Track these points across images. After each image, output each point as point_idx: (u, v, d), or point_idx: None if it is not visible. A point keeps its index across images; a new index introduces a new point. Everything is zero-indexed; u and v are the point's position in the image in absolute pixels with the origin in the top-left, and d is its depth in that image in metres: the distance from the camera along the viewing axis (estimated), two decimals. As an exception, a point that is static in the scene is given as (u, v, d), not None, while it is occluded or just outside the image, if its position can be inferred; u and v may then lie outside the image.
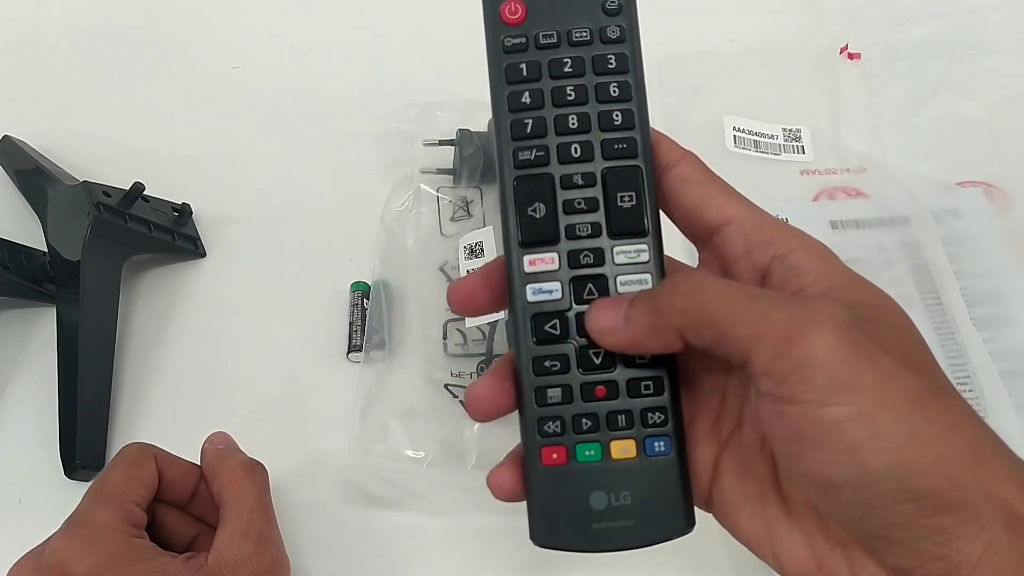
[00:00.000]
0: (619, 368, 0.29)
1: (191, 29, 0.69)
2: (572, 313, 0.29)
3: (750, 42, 0.67)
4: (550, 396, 0.29)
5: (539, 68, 0.30)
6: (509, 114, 0.30)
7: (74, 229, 0.51)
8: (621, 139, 0.30)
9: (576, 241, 0.29)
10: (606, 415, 0.29)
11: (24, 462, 0.49)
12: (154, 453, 0.41)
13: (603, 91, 0.30)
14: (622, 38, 0.30)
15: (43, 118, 0.63)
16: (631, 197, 0.30)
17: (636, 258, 0.30)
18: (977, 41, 0.64)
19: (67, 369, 0.49)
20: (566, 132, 0.30)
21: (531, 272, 0.29)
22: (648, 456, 0.29)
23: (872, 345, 0.25)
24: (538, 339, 0.29)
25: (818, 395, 0.25)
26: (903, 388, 0.25)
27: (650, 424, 0.29)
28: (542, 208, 0.29)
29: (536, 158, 0.30)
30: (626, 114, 0.30)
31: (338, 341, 0.52)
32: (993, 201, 0.57)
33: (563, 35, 0.30)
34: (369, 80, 0.65)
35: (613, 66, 0.30)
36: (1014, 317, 0.52)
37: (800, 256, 0.29)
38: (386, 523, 0.46)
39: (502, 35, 0.30)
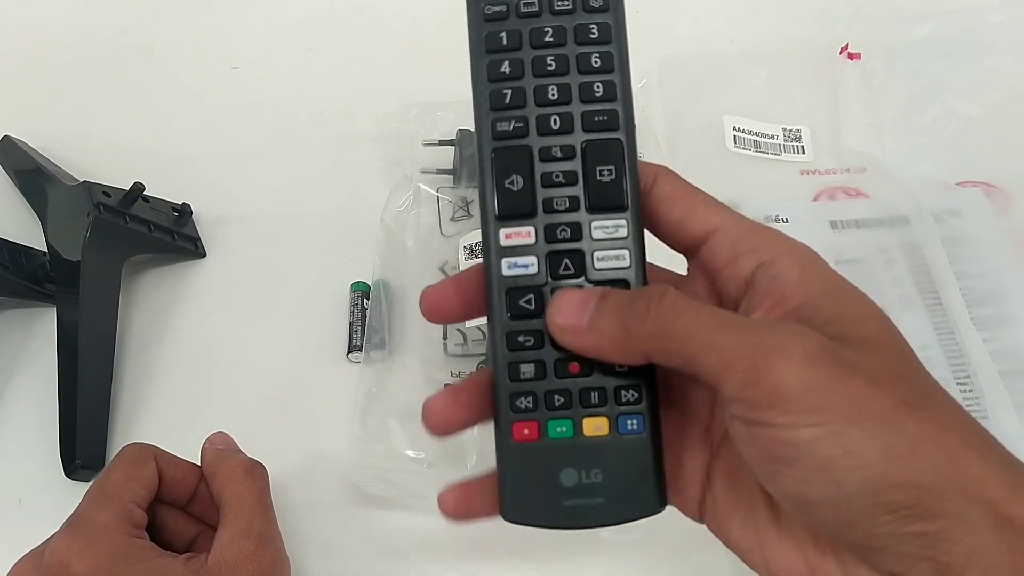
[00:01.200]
0: None
1: (191, 29, 0.69)
2: (548, 288, 0.29)
3: (750, 42, 0.67)
4: (523, 371, 0.29)
5: (519, 37, 0.29)
6: (488, 84, 0.29)
7: (74, 229, 0.51)
8: (602, 111, 0.29)
9: (553, 215, 0.29)
10: (579, 392, 0.29)
11: (24, 462, 0.49)
12: (154, 453, 0.41)
13: (584, 62, 0.29)
14: (605, 7, 0.29)
15: (43, 118, 0.63)
16: (611, 171, 0.29)
17: (614, 233, 0.29)
18: (977, 41, 0.64)
19: (67, 369, 0.49)
20: (546, 103, 0.29)
21: (507, 246, 0.29)
22: (620, 434, 0.29)
23: (843, 367, 0.26)
24: (512, 314, 0.29)
25: (789, 419, 0.25)
26: (876, 406, 0.25)
27: (623, 402, 0.29)
28: (519, 180, 0.29)
29: (515, 129, 0.29)
30: (607, 86, 0.29)
31: (338, 341, 0.52)
32: (993, 201, 0.57)
33: (545, 3, 0.29)
34: (369, 80, 0.65)
35: (595, 36, 0.29)
36: (1014, 317, 0.52)
37: (783, 264, 0.29)
38: (386, 523, 0.46)
39: (483, 3, 0.30)
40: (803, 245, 0.30)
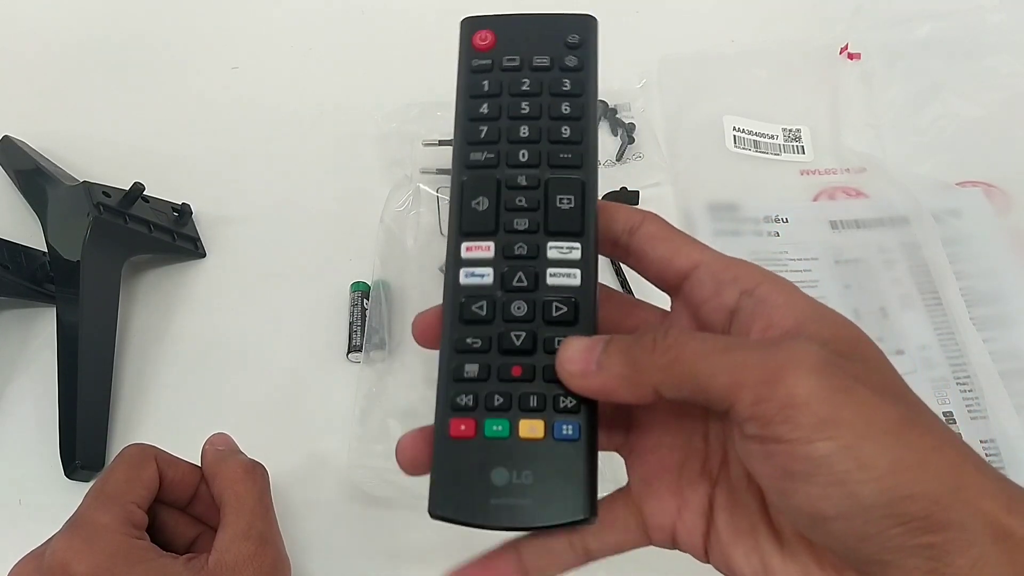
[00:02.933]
0: (539, 353, 0.30)
1: (191, 29, 0.69)
2: (500, 297, 0.30)
3: (750, 42, 0.67)
4: (467, 371, 0.30)
5: (500, 85, 0.33)
6: (467, 122, 0.32)
7: (74, 229, 0.51)
8: (567, 151, 0.32)
9: (513, 235, 0.31)
10: (519, 395, 0.29)
11: (24, 462, 0.49)
12: (155, 454, 0.41)
13: (555, 109, 0.32)
14: (579, 67, 0.33)
15: (43, 118, 0.63)
16: (570, 200, 0.31)
17: (568, 255, 0.31)
18: (977, 41, 0.64)
19: (67, 369, 0.49)
20: (516, 141, 0.32)
21: (467, 258, 0.31)
22: (555, 439, 0.29)
23: (848, 380, 0.26)
24: (464, 319, 0.30)
25: (804, 433, 0.25)
26: (883, 418, 0.26)
27: (561, 408, 0.29)
28: (485, 202, 0.31)
29: (486, 159, 0.32)
30: (575, 129, 0.32)
31: (338, 341, 0.52)
32: (993, 201, 0.57)
33: (525, 61, 0.33)
34: (369, 80, 0.65)
35: (567, 89, 0.33)
36: (1014, 317, 0.52)
37: (767, 289, 0.30)
38: (386, 523, 0.46)
39: (471, 58, 0.33)
40: (781, 276, 0.31)
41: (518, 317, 0.30)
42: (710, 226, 0.57)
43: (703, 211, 0.57)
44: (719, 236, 0.56)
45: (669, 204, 0.59)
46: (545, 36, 0.34)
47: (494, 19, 0.34)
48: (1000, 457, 0.47)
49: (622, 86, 0.64)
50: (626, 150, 0.61)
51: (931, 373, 0.50)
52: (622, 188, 0.58)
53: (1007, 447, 0.47)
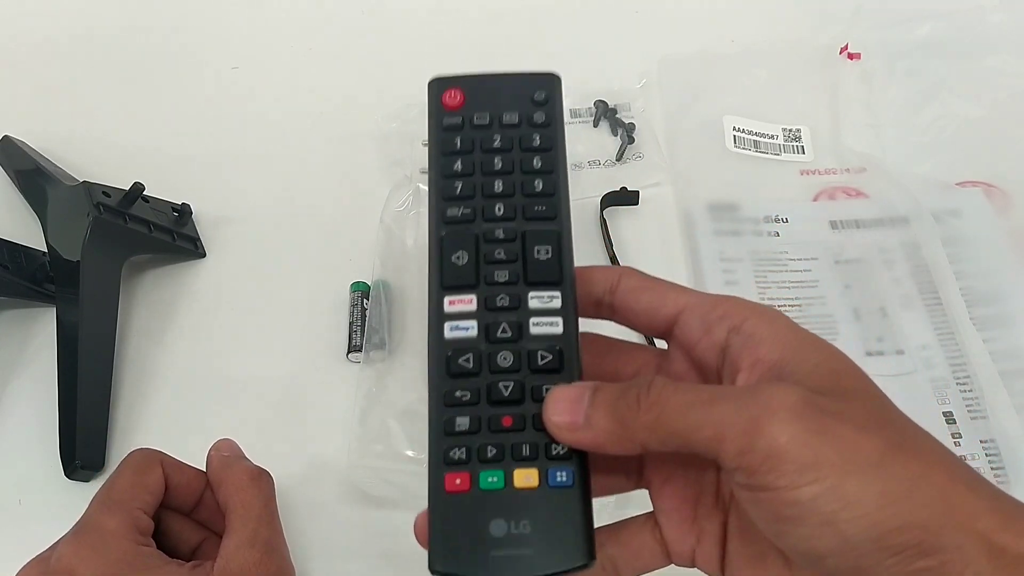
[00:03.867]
0: (527, 402, 0.30)
1: (191, 29, 0.69)
2: (485, 348, 0.31)
3: (750, 42, 0.67)
4: (458, 425, 0.30)
5: (472, 142, 0.33)
6: (442, 179, 0.33)
7: (74, 229, 0.51)
8: (542, 203, 0.33)
9: (494, 287, 0.31)
10: (511, 444, 0.30)
11: (24, 462, 0.49)
12: (160, 459, 0.41)
13: (528, 163, 0.33)
14: (547, 123, 0.34)
15: (43, 118, 0.63)
16: (547, 250, 0.32)
17: (549, 304, 0.31)
18: (977, 41, 0.64)
19: (67, 369, 0.49)
20: (492, 196, 0.33)
21: (450, 312, 0.31)
22: (550, 486, 0.29)
23: (829, 418, 0.27)
24: (451, 372, 0.30)
25: (789, 480, 0.26)
26: (866, 453, 0.26)
27: (554, 456, 0.29)
28: (464, 256, 0.32)
29: (463, 215, 0.32)
30: (547, 182, 0.33)
31: (338, 341, 0.52)
32: (993, 201, 0.57)
33: (495, 118, 0.34)
34: (369, 80, 0.65)
35: (538, 144, 0.33)
36: (1014, 317, 0.52)
37: (753, 324, 0.30)
38: (386, 523, 0.46)
39: (442, 116, 0.34)
40: (767, 307, 0.31)
41: (505, 368, 0.30)
42: (710, 226, 0.57)
43: (703, 211, 0.57)
44: (719, 236, 0.56)
45: (669, 204, 0.59)
46: (512, 94, 0.35)
47: (462, 79, 0.35)
48: (1000, 457, 0.47)
49: (622, 86, 0.64)
50: (626, 150, 0.61)
51: (931, 373, 0.50)
52: (622, 188, 0.58)
53: (1007, 447, 0.47)
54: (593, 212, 0.57)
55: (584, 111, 0.63)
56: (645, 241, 0.57)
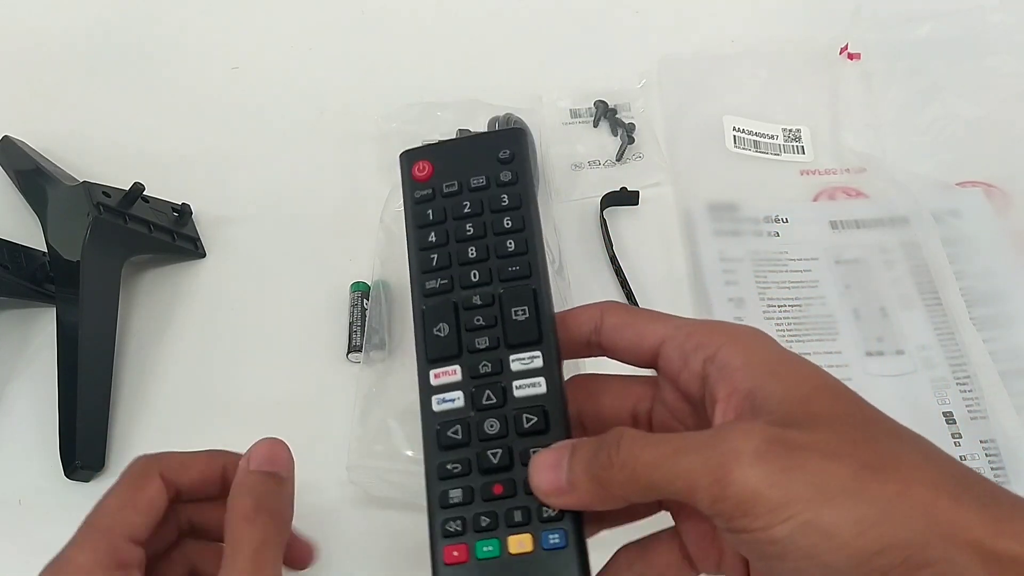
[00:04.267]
0: (516, 467, 0.31)
1: (191, 29, 0.69)
2: (473, 418, 0.32)
3: (750, 42, 0.67)
4: (451, 497, 0.31)
5: (444, 212, 0.35)
6: (419, 252, 0.34)
7: (74, 229, 0.51)
8: (515, 263, 0.33)
9: (476, 354, 0.32)
10: (504, 511, 0.30)
11: (24, 462, 0.49)
12: (160, 467, 0.36)
13: (498, 224, 0.34)
14: (514, 180, 0.35)
15: (43, 118, 0.63)
16: (524, 311, 0.33)
17: (530, 364, 0.32)
18: (977, 41, 0.64)
19: (67, 369, 0.49)
20: (467, 263, 0.34)
21: (436, 385, 0.32)
22: (544, 549, 0.30)
23: (796, 452, 0.27)
24: (442, 445, 0.32)
25: (763, 521, 0.27)
26: (838, 482, 0.27)
27: (545, 519, 0.30)
28: (445, 328, 0.33)
29: (441, 286, 0.34)
30: (518, 241, 0.34)
31: (338, 341, 0.52)
32: (993, 201, 0.57)
33: (463, 184, 0.35)
34: (369, 80, 0.65)
35: (506, 203, 0.34)
36: (1014, 317, 0.52)
37: (726, 353, 0.31)
38: (386, 523, 0.46)
39: (414, 190, 0.35)
40: (744, 328, 0.32)
41: (492, 435, 0.31)
42: (710, 226, 0.57)
43: (703, 211, 0.57)
44: (719, 236, 0.56)
45: (669, 204, 0.59)
46: (478, 156, 0.35)
47: (429, 149, 0.36)
48: (1000, 457, 0.47)
49: (622, 86, 0.64)
50: (626, 150, 0.61)
51: (931, 373, 0.50)
52: (622, 188, 0.58)
53: (1007, 447, 0.47)
54: (593, 212, 0.57)
55: (584, 111, 0.63)
56: (645, 241, 0.57)
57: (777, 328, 0.52)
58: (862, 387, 0.33)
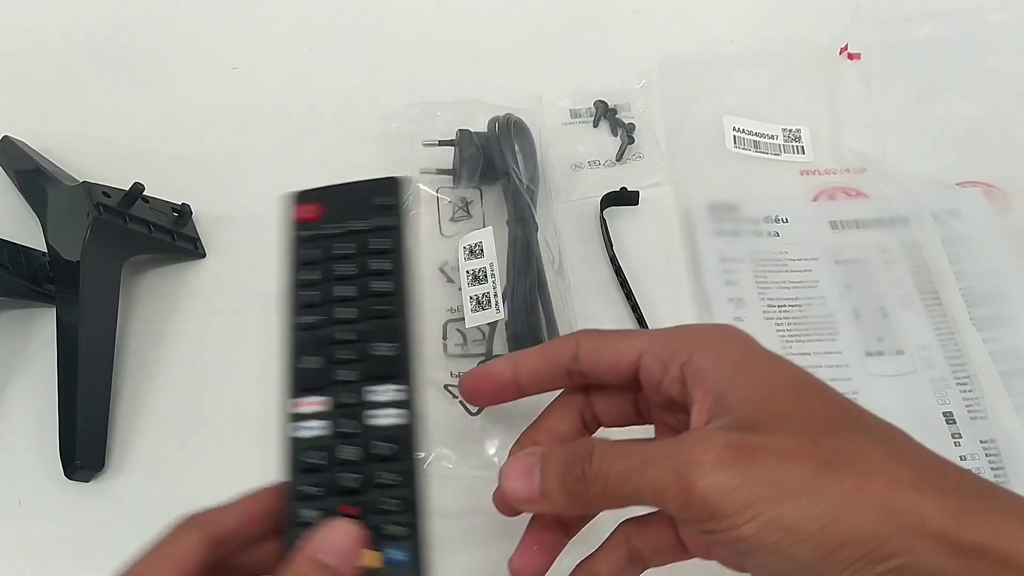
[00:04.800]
0: (370, 491, 0.33)
1: (191, 29, 0.69)
2: (333, 444, 0.34)
3: (750, 42, 0.67)
4: (306, 518, 0.33)
5: (323, 251, 0.37)
6: (295, 289, 0.37)
7: (74, 229, 0.51)
8: (384, 303, 0.36)
9: (340, 386, 0.34)
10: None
11: (24, 462, 0.49)
12: (197, 520, 0.33)
13: (372, 266, 0.36)
14: (392, 225, 0.37)
15: (43, 118, 0.63)
16: (390, 348, 0.35)
17: (392, 397, 0.34)
18: (977, 41, 0.64)
19: (67, 369, 0.49)
20: (338, 301, 0.36)
21: (299, 412, 0.35)
22: (389, 565, 0.32)
23: (754, 456, 0.28)
24: (302, 469, 0.33)
25: (729, 522, 0.28)
26: (796, 479, 0.28)
27: (391, 536, 0.32)
28: (312, 360, 0.35)
29: (313, 322, 0.36)
30: (388, 280, 0.36)
31: (338, 341, 0.52)
32: (993, 201, 0.57)
33: (344, 226, 0.37)
34: (369, 80, 0.65)
35: (381, 247, 0.37)
36: (1014, 317, 0.52)
37: (697, 357, 0.32)
38: (386, 523, 0.46)
39: (298, 229, 0.38)
40: (716, 329, 0.34)
41: (349, 460, 0.33)
42: (710, 226, 0.57)
43: (703, 211, 0.57)
44: (719, 236, 0.56)
45: (669, 204, 0.59)
46: (359, 201, 0.38)
47: (315, 192, 0.39)
48: (1000, 457, 0.47)
49: (622, 86, 0.64)
50: (626, 150, 0.61)
51: (931, 373, 0.50)
52: (622, 188, 0.58)
53: (1007, 447, 0.47)
54: (593, 212, 0.57)
55: (584, 111, 0.63)
56: (645, 241, 0.57)
57: (777, 328, 0.52)
58: (862, 387, 0.33)
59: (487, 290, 0.50)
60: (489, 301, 0.50)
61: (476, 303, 0.50)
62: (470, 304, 0.50)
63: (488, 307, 0.50)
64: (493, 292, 0.50)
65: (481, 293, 0.50)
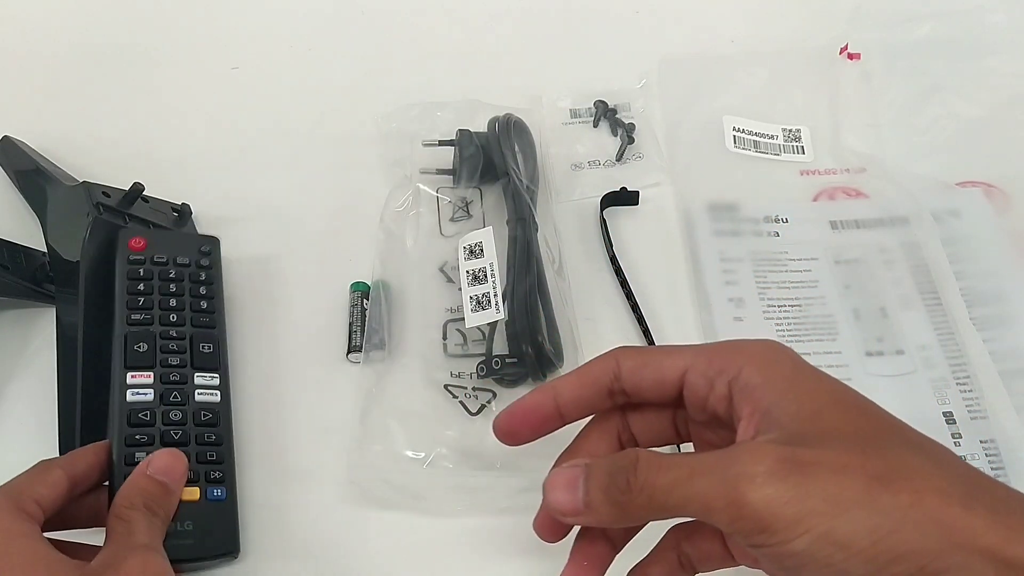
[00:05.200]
0: (192, 444, 0.43)
1: (191, 29, 0.69)
2: (160, 408, 0.44)
3: (750, 42, 0.67)
4: (138, 458, 0.41)
5: (152, 273, 0.48)
6: (128, 295, 0.47)
7: (73, 229, 0.51)
8: (205, 317, 0.48)
9: (169, 369, 0.45)
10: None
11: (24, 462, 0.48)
12: (57, 462, 0.40)
13: (195, 290, 0.49)
14: (210, 265, 0.50)
15: (43, 118, 0.63)
16: (209, 347, 0.47)
17: (210, 382, 0.46)
18: (977, 41, 0.64)
19: (66, 369, 0.48)
20: (167, 309, 0.47)
21: (131, 383, 0.44)
22: (208, 500, 0.42)
23: (807, 469, 0.28)
24: (131, 423, 0.43)
25: (781, 536, 0.28)
26: (849, 493, 0.28)
27: (211, 479, 0.42)
28: (144, 346, 0.45)
29: (144, 319, 0.47)
30: (209, 304, 0.49)
31: (338, 341, 0.52)
32: (993, 201, 0.57)
33: (171, 259, 0.49)
34: (369, 80, 0.65)
35: (203, 279, 0.49)
36: (1014, 317, 0.52)
37: (747, 373, 0.32)
38: (386, 524, 0.46)
39: (128, 255, 0.49)
40: (763, 345, 0.33)
41: (175, 421, 0.43)
42: (710, 226, 0.57)
43: (703, 211, 0.57)
44: (719, 236, 0.56)
45: (669, 204, 0.59)
46: (184, 245, 0.51)
47: (147, 232, 0.51)
48: (1000, 457, 0.47)
49: (622, 86, 0.64)
50: (626, 150, 0.61)
51: (931, 373, 0.50)
52: (622, 188, 0.58)
53: (1007, 447, 0.47)
54: (593, 212, 0.57)
55: (584, 111, 0.63)
56: (645, 241, 0.57)
57: (777, 328, 0.52)
58: (862, 387, 0.33)
59: (487, 290, 0.50)
60: (489, 301, 0.50)
61: (476, 303, 0.50)
62: (470, 304, 0.50)
63: (488, 307, 0.50)
64: (493, 292, 0.50)
65: (481, 293, 0.50)
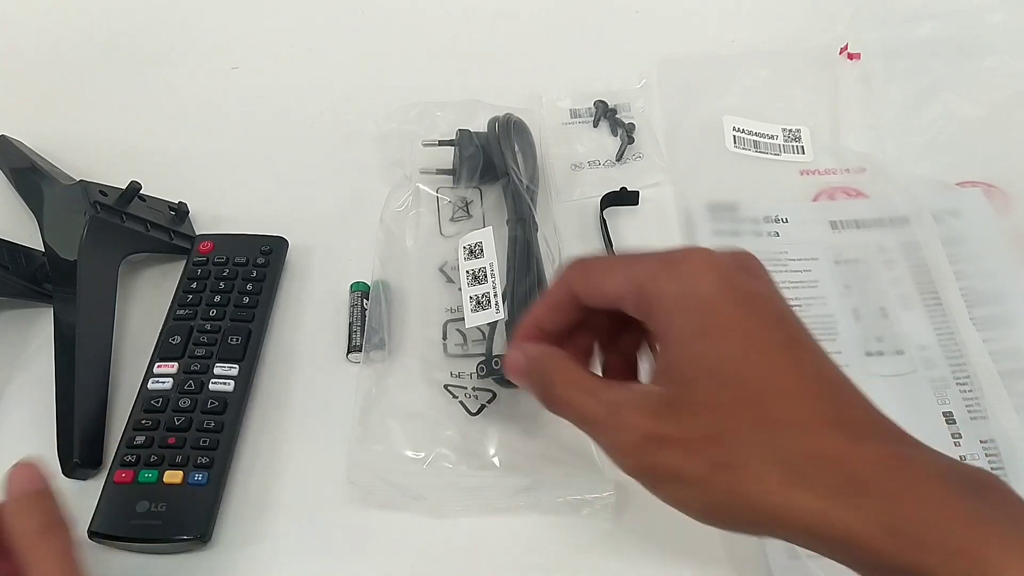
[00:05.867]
0: (192, 431, 0.45)
1: (190, 29, 0.69)
2: (174, 396, 0.47)
3: (750, 42, 0.67)
4: (137, 440, 0.45)
5: (209, 273, 0.52)
6: (180, 294, 0.51)
7: (71, 228, 0.51)
8: (244, 311, 0.50)
9: (193, 360, 0.48)
10: (169, 456, 0.45)
11: (22, 462, 0.48)
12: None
13: (242, 287, 0.51)
14: (267, 264, 0.53)
15: (40, 117, 0.63)
16: (237, 339, 0.49)
17: (228, 372, 0.48)
18: (977, 41, 0.64)
19: (64, 368, 0.48)
20: (211, 305, 0.50)
21: (156, 372, 0.48)
22: (190, 484, 0.44)
23: (664, 444, 0.33)
24: (145, 409, 0.46)
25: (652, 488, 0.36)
26: (692, 471, 0.33)
27: (197, 464, 0.44)
28: (178, 339, 0.49)
29: (187, 314, 0.50)
30: (252, 298, 0.51)
31: (338, 341, 0.52)
32: (993, 201, 0.57)
33: (230, 259, 0.53)
34: (369, 80, 0.65)
35: (254, 276, 0.52)
36: (1014, 317, 0.52)
37: (662, 319, 0.36)
38: (386, 524, 0.46)
39: (193, 258, 0.53)
40: (685, 282, 0.36)
41: (183, 408, 0.46)
42: (710, 226, 0.57)
43: (703, 211, 0.57)
44: (719, 236, 0.56)
45: (669, 204, 0.59)
46: (248, 246, 0.53)
47: (216, 236, 0.54)
48: (1000, 457, 0.47)
49: (622, 86, 0.64)
50: (626, 150, 0.61)
51: (931, 373, 0.50)
52: (622, 188, 0.57)
53: (1007, 447, 0.47)
54: (593, 212, 0.57)
55: (584, 111, 0.63)
56: (645, 241, 0.57)
57: (777, 328, 0.52)
58: (862, 387, 0.33)
59: (487, 290, 0.50)
60: (489, 301, 0.50)
61: (476, 303, 0.50)
62: (470, 304, 0.50)
63: (488, 307, 0.50)
64: (493, 292, 0.50)
65: (481, 293, 0.50)
